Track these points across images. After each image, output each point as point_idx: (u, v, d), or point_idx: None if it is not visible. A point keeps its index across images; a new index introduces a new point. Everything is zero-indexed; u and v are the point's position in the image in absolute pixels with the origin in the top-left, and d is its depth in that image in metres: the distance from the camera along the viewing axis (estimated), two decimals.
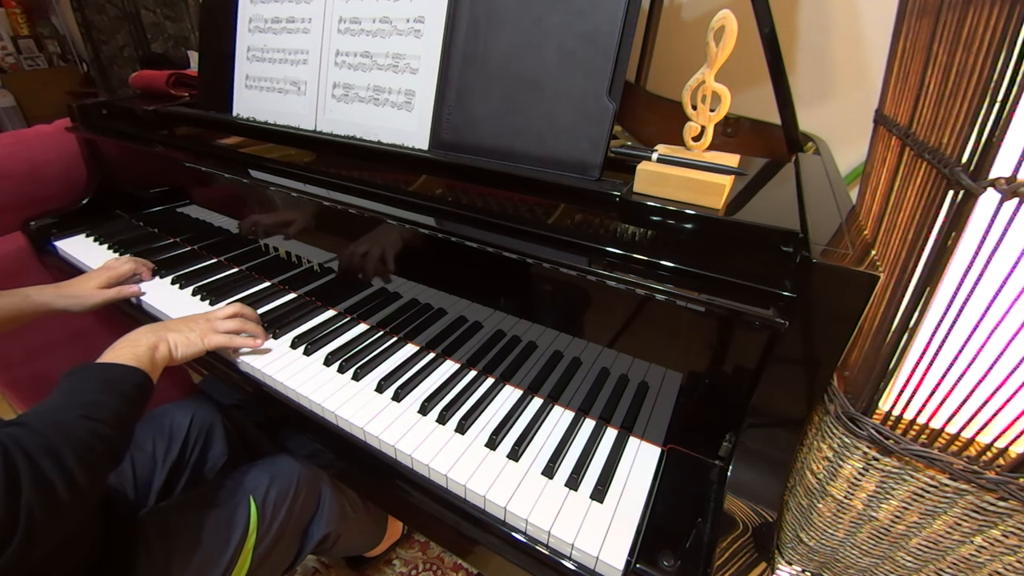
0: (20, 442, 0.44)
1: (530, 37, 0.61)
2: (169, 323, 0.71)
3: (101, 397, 0.53)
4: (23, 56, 3.45)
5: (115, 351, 0.61)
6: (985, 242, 0.37)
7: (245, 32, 0.89)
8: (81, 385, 0.54)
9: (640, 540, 0.51)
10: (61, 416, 0.49)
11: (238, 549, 0.69)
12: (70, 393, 0.53)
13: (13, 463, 0.42)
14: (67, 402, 0.52)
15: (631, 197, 0.56)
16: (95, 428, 0.50)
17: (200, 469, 0.85)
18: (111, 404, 0.53)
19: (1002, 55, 0.35)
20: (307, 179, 0.77)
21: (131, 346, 0.62)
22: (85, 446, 0.48)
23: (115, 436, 0.52)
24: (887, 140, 0.58)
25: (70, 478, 0.45)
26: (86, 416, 0.50)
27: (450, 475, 0.57)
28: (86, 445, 0.48)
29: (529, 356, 0.67)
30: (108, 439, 0.51)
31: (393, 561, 1.14)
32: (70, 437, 0.47)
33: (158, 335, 0.66)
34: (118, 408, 0.53)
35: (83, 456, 0.47)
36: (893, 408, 0.47)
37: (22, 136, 1.12)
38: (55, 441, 0.46)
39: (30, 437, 0.45)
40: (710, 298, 0.49)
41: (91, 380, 0.56)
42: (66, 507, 0.45)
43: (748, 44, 0.62)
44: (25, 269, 1.12)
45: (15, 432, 0.45)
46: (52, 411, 0.50)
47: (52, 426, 0.48)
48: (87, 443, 0.48)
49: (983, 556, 0.48)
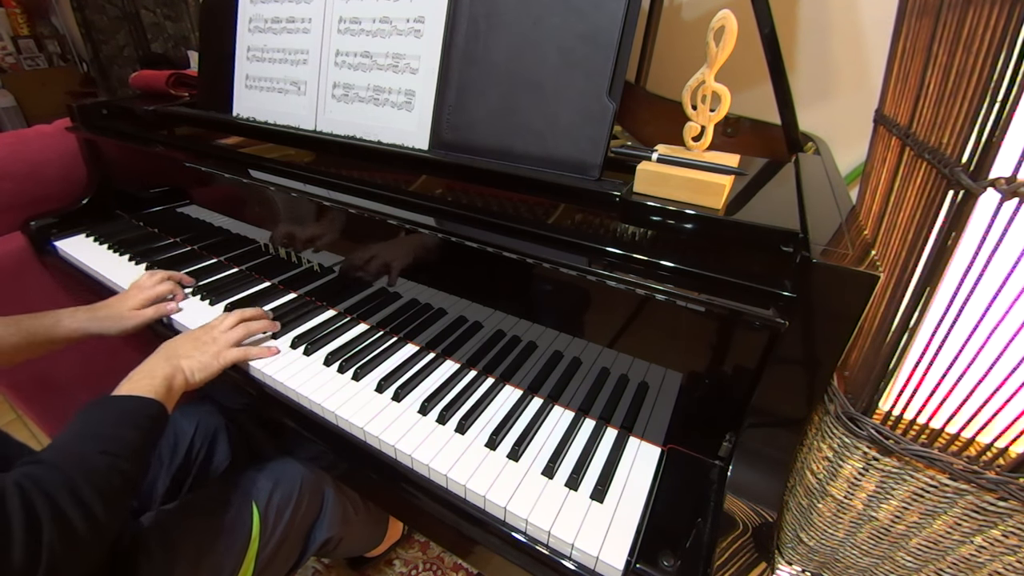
0: (39, 482, 0.44)
1: (530, 37, 0.61)
2: (179, 348, 0.70)
3: (118, 431, 0.53)
4: (23, 56, 3.46)
5: (131, 382, 0.61)
6: (985, 242, 0.37)
7: (245, 32, 0.89)
8: (98, 418, 0.55)
9: (640, 540, 0.51)
10: (79, 451, 0.50)
11: (241, 554, 0.68)
12: (87, 427, 0.53)
13: (32, 504, 0.43)
14: (85, 436, 0.52)
15: (631, 197, 0.56)
16: (113, 463, 0.50)
17: (204, 473, 0.85)
18: (128, 437, 0.53)
19: (1002, 55, 0.35)
20: (307, 179, 0.77)
21: (148, 378, 0.62)
22: (104, 481, 0.48)
23: (132, 470, 0.52)
24: (887, 140, 0.58)
25: (90, 514, 0.46)
26: (104, 452, 0.50)
27: (450, 475, 0.57)
28: (105, 480, 0.48)
29: (529, 356, 0.67)
30: (125, 473, 0.51)
31: (393, 561, 1.14)
32: (89, 473, 0.48)
33: (173, 365, 0.66)
34: (135, 441, 0.54)
35: (102, 491, 0.47)
36: (893, 408, 0.47)
37: (22, 136, 1.12)
38: (75, 478, 0.46)
39: (49, 475, 0.46)
40: (710, 298, 0.49)
41: (109, 413, 0.56)
42: (86, 543, 0.45)
43: (748, 44, 0.62)
44: (25, 269, 1.12)
45: (33, 471, 0.46)
46: (70, 446, 0.50)
47: (70, 462, 0.48)
48: (106, 478, 0.49)
49: (983, 556, 0.48)
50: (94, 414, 0.55)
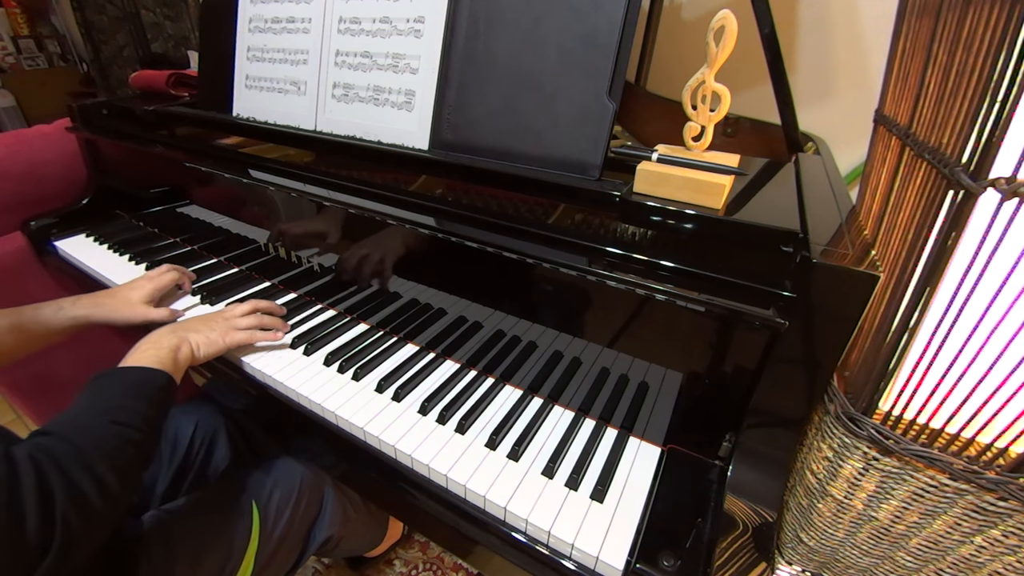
0: (50, 452, 0.44)
1: (530, 37, 0.61)
2: (188, 323, 0.70)
3: (127, 401, 0.53)
4: (23, 56, 3.46)
5: (137, 353, 0.61)
6: (985, 242, 0.37)
7: (245, 32, 0.89)
8: (106, 391, 0.54)
9: (640, 540, 0.51)
10: (89, 422, 0.49)
11: (240, 554, 0.68)
12: (96, 398, 0.53)
13: (44, 474, 0.42)
14: (94, 408, 0.51)
15: (631, 197, 0.56)
16: (124, 433, 0.50)
17: (204, 472, 0.85)
18: (138, 408, 0.53)
19: (1002, 55, 0.35)
20: (307, 179, 0.77)
21: (154, 348, 0.62)
22: (115, 451, 0.48)
23: (143, 440, 0.52)
24: (887, 140, 0.58)
25: (102, 485, 0.45)
26: (114, 421, 0.50)
27: (450, 475, 0.57)
28: (116, 450, 0.48)
29: (529, 356, 0.67)
30: (137, 443, 0.51)
31: (393, 561, 1.14)
32: (99, 444, 0.47)
33: (179, 336, 0.65)
34: (145, 412, 0.53)
35: (114, 462, 0.47)
36: (893, 408, 0.47)
37: (22, 136, 1.12)
38: (85, 448, 0.46)
39: (59, 446, 0.45)
40: (710, 298, 0.49)
41: (116, 385, 0.55)
42: (100, 514, 0.45)
43: (748, 44, 0.62)
44: (25, 269, 1.12)
45: (44, 442, 0.45)
46: (80, 418, 0.50)
47: (82, 433, 0.47)
48: (117, 448, 0.48)
49: (983, 556, 0.48)
50: (102, 386, 0.55)
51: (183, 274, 0.88)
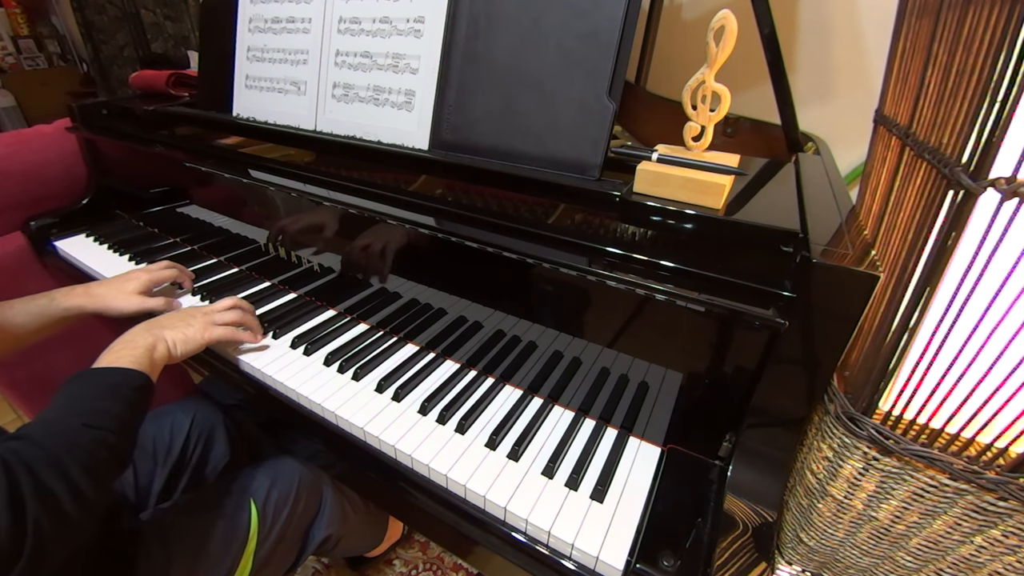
0: (21, 456, 0.43)
1: (530, 37, 0.61)
2: (164, 319, 0.69)
3: (102, 403, 0.52)
4: (23, 56, 3.46)
5: (112, 353, 0.60)
6: (985, 242, 0.37)
7: (245, 32, 0.89)
8: (80, 392, 0.53)
9: (640, 540, 0.51)
10: (62, 426, 0.49)
11: (239, 553, 0.68)
12: (70, 401, 0.52)
13: (15, 478, 0.42)
14: (68, 411, 0.51)
15: (631, 197, 0.56)
16: (97, 436, 0.49)
17: (201, 470, 0.85)
18: (113, 410, 0.52)
19: (1002, 55, 0.35)
20: (307, 179, 0.77)
21: (129, 348, 0.61)
22: (88, 455, 0.47)
23: (118, 442, 0.51)
24: (887, 140, 0.58)
25: (75, 489, 0.45)
26: (87, 424, 0.49)
27: (450, 475, 0.57)
28: (89, 454, 0.47)
29: (529, 356, 0.67)
30: (112, 446, 0.50)
31: (393, 561, 1.14)
32: (72, 447, 0.47)
33: (154, 335, 0.64)
34: (120, 413, 0.53)
35: (87, 466, 0.47)
36: (893, 408, 0.47)
37: (22, 136, 1.12)
38: (57, 452, 0.45)
39: (32, 450, 0.45)
40: (710, 298, 0.49)
41: (90, 386, 0.55)
42: (73, 518, 0.44)
43: (748, 44, 0.62)
44: (25, 269, 1.12)
45: (16, 446, 0.45)
46: (53, 422, 0.49)
47: (54, 437, 0.47)
48: (90, 452, 0.48)
49: (983, 556, 0.48)
50: (77, 388, 0.54)
51: (182, 272, 0.88)
